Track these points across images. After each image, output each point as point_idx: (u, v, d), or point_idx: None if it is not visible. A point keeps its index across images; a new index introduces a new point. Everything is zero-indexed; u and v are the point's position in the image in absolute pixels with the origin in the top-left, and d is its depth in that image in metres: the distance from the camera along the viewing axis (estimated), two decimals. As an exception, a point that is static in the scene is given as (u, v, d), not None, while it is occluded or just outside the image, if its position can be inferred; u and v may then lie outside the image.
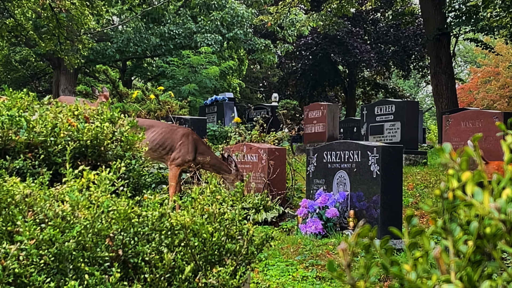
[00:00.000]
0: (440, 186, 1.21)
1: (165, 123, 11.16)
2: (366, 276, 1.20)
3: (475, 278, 1.10)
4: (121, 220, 3.22)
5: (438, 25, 23.53)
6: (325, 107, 20.27)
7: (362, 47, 40.69)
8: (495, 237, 1.10)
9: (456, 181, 1.17)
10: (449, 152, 1.18)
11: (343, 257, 1.19)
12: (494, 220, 1.08)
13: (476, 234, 1.13)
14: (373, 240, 1.25)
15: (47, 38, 23.55)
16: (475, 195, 1.12)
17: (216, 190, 3.69)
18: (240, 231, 3.56)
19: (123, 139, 4.53)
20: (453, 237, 1.17)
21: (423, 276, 1.15)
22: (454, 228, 1.18)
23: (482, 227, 1.12)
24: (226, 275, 3.23)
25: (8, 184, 3.22)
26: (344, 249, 1.20)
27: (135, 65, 38.57)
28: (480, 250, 1.14)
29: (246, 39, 34.04)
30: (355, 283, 1.19)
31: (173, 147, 10.24)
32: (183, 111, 21.44)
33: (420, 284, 1.13)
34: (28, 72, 39.36)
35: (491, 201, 1.08)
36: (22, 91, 4.84)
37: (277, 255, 8.82)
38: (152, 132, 10.29)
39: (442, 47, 23.79)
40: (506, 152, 1.15)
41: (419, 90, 78.81)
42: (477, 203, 1.10)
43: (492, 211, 1.07)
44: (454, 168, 1.18)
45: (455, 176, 1.17)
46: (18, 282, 2.96)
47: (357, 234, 1.21)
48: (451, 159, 1.18)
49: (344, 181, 9.97)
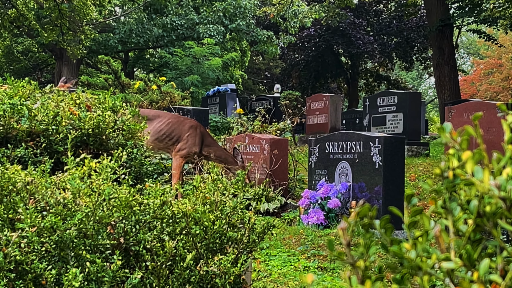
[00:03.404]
0: (440, 165, 1.21)
1: (171, 114, 11.16)
2: (366, 255, 1.19)
3: (474, 256, 1.10)
4: (122, 208, 3.21)
5: (441, 16, 23.48)
6: (328, 98, 20.24)
7: (365, 39, 40.65)
8: (495, 216, 1.09)
9: (456, 160, 1.16)
10: (450, 132, 1.18)
11: (343, 236, 1.19)
12: (494, 198, 1.07)
13: (476, 213, 1.12)
14: (373, 219, 1.25)
15: (50, 29, 23.54)
16: (475, 173, 1.11)
17: (217, 178, 3.68)
18: (242, 219, 3.56)
19: (124, 128, 4.52)
20: (453, 216, 1.17)
21: (423, 255, 1.14)
22: (454, 207, 1.18)
23: (482, 205, 1.11)
24: (227, 263, 3.23)
25: (9, 171, 3.22)
26: (343, 228, 1.19)
27: (138, 56, 38.53)
28: (480, 229, 1.13)
29: (248, 31, 33.98)
30: (355, 263, 1.19)
31: (180, 138, 10.24)
32: (185, 101, 21.43)
33: (419, 262, 1.13)
34: (30, 63, 39.34)
35: (491, 179, 1.07)
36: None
37: (279, 246, 8.83)
38: (159, 123, 10.30)
39: (444, 38, 23.74)
40: (507, 132, 1.14)
41: (422, 81, 78.71)
42: (477, 181, 1.10)
43: (492, 189, 1.06)
44: (454, 147, 1.17)
45: (455, 155, 1.16)
46: (19, 269, 2.96)
47: (357, 213, 1.21)
48: (452, 138, 1.17)
49: (346, 171, 9.96)
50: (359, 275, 1.17)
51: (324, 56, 42.97)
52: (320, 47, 41.99)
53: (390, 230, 1.23)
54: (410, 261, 1.15)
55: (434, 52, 24.50)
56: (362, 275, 1.17)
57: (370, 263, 1.19)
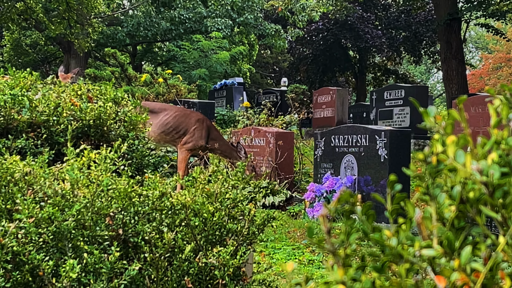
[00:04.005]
0: (424, 150, 1.18)
1: (178, 107, 11.17)
2: (347, 242, 1.17)
3: (456, 245, 1.07)
4: (121, 199, 3.19)
5: (449, 10, 23.37)
6: (334, 92, 20.19)
7: (373, 33, 40.54)
8: (478, 202, 1.07)
9: (440, 145, 1.13)
10: (434, 116, 1.15)
11: (323, 223, 1.16)
12: (477, 184, 1.04)
13: (459, 199, 1.10)
14: (354, 205, 1.22)
15: (57, 22, 23.55)
16: (457, 158, 1.08)
17: (217, 170, 3.66)
18: (242, 211, 3.54)
19: (126, 119, 4.50)
20: (437, 202, 1.14)
21: (406, 243, 1.12)
22: (437, 193, 1.15)
23: (465, 191, 1.08)
24: (226, 255, 3.21)
25: (7, 162, 3.20)
26: (324, 215, 1.17)
27: (145, 49, 38.53)
28: (463, 215, 1.11)
29: (256, 24, 33.93)
30: (335, 250, 1.16)
31: (187, 131, 10.24)
32: (191, 94, 21.40)
33: (400, 250, 1.10)
34: (38, 56, 39.38)
35: (473, 163, 1.05)
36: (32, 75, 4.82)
37: (283, 239, 8.81)
38: (165, 115, 10.29)
39: (452, 32, 23.65)
40: (493, 116, 1.12)
41: (430, 76, 78.52)
42: (459, 166, 1.07)
43: (474, 173, 1.04)
44: (439, 132, 1.14)
45: (440, 140, 1.13)
46: (16, 260, 2.95)
47: (338, 200, 1.18)
48: (436, 123, 1.15)
49: (351, 165, 9.93)
50: (340, 263, 1.14)
51: (332, 50, 42.91)
52: (328, 41, 41.93)
53: (372, 217, 1.20)
54: (391, 248, 1.12)
55: (442, 46, 24.40)
56: (343, 263, 1.14)
57: (351, 251, 1.16)
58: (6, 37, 36.37)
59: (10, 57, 37.15)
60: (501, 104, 1.12)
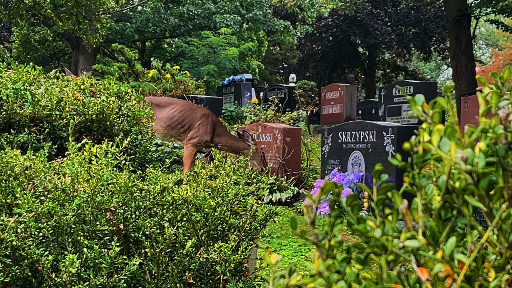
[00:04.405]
0: (411, 139, 1.16)
1: (184, 101, 11.14)
2: (331, 234, 1.14)
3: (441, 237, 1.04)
4: (121, 193, 3.18)
5: (458, 6, 23.29)
6: (343, 88, 20.14)
7: (383, 29, 40.46)
8: (464, 192, 1.04)
9: (427, 134, 1.10)
10: (421, 104, 1.12)
11: (306, 214, 1.14)
12: (462, 173, 1.01)
13: (445, 189, 1.07)
14: (339, 196, 1.19)
15: (65, 17, 23.57)
16: (442, 146, 1.05)
17: (219, 165, 3.64)
18: (244, 206, 3.52)
19: (129, 114, 4.49)
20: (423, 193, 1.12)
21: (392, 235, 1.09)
22: (423, 183, 1.13)
23: (451, 181, 1.06)
24: (228, 251, 3.19)
25: (8, 156, 3.19)
26: (307, 206, 1.14)
27: (154, 46, 38.54)
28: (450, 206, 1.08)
29: (265, 20, 33.88)
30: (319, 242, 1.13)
31: (192, 126, 10.22)
32: (199, 90, 21.39)
33: (384, 241, 1.07)
34: (47, 52, 39.44)
35: (458, 152, 1.02)
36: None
37: (290, 235, 8.79)
38: (171, 109, 10.28)
39: (462, 29, 23.55)
40: (482, 104, 1.09)
41: (440, 72, 78.35)
42: (443, 154, 1.04)
43: (458, 162, 1.01)
44: (426, 120, 1.12)
45: (427, 129, 1.11)
46: (16, 255, 2.94)
47: (321, 190, 1.16)
48: (423, 111, 1.12)
49: (359, 161, 9.90)
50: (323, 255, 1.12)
51: (341, 46, 42.85)
52: (338, 38, 41.87)
53: (357, 208, 1.18)
54: (375, 240, 1.09)
55: (451, 43, 24.31)
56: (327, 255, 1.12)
57: (335, 242, 1.14)
58: (15, 33, 36.46)
59: (19, 53, 37.21)
60: (490, 92, 1.10)
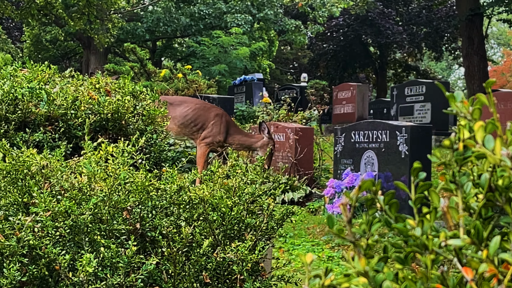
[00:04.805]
0: (451, 136, 1.13)
1: (197, 100, 11.15)
2: (368, 233, 1.12)
3: (484, 235, 1.02)
4: (138, 192, 3.17)
5: (470, 5, 23.24)
6: (355, 88, 20.11)
7: (394, 29, 40.41)
8: (508, 190, 1.02)
9: (467, 131, 1.08)
10: (461, 101, 1.10)
11: (344, 213, 1.12)
12: (506, 170, 0.99)
13: (488, 187, 1.05)
14: (376, 194, 1.17)
15: (77, 17, 23.58)
16: (486, 143, 1.03)
17: (236, 164, 3.62)
18: (261, 206, 3.50)
19: (144, 113, 4.48)
20: (463, 191, 1.09)
21: (430, 234, 1.07)
22: (464, 181, 1.10)
23: (494, 179, 1.03)
24: (245, 250, 3.17)
25: (24, 155, 3.18)
26: (344, 204, 1.12)
27: (165, 45, 38.58)
28: (492, 205, 1.06)
29: (276, 20, 33.85)
30: (356, 241, 1.11)
31: (205, 125, 10.21)
32: (210, 90, 21.37)
33: (425, 240, 1.05)
34: (58, 52, 39.48)
35: (503, 149, 0.99)
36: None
37: (303, 235, 8.78)
38: (184, 108, 10.27)
39: (474, 28, 23.49)
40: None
41: (451, 72, 78.15)
42: (487, 152, 1.02)
43: (504, 159, 0.99)
44: (465, 117, 1.09)
45: (467, 126, 1.08)
46: (33, 254, 2.93)
47: (359, 188, 1.14)
48: (463, 107, 1.10)
49: (372, 161, 9.87)
50: (361, 254, 1.10)
51: (352, 46, 42.82)
52: (349, 37, 41.85)
53: (395, 206, 1.15)
54: (415, 239, 1.07)
55: (464, 42, 24.27)
56: (364, 254, 1.10)
57: (373, 241, 1.12)
58: (26, 32, 36.53)
59: (30, 52, 37.26)
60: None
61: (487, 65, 25.71)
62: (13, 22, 39.81)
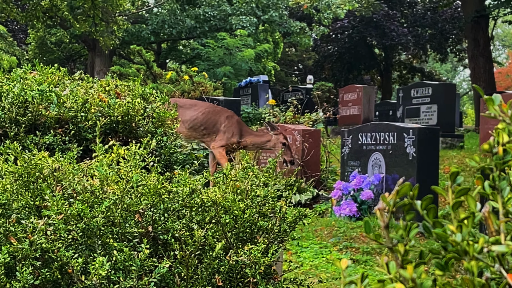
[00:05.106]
0: (489, 140, 1.12)
1: (207, 103, 11.16)
2: (406, 238, 1.10)
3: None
4: (151, 195, 3.16)
5: (476, 7, 23.23)
6: (361, 90, 20.10)
7: (399, 30, 40.40)
8: (551, 195, 1.00)
9: (506, 135, 1.06)
10: (499, 104, 1.09)
11: (380, 218, 1.10)
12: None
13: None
14: (413, 199, 1.16)
15: (82, 20, 23.63)
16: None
17: (248, 166, 3.61)
18: (273, 208, 3.49)
19: (154, 115, 4.47)
20: (503, 196, 1.07)
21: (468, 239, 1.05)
22: (503, 186, 1.08)
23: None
24: (258, 253, 3.16)
25: (36, 158, 3.18)
26: (382, 209, 1.11)
27: (170, 47, 38.62)
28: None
29: (281, 22, 33.84)
30: (394, 246, 1.09)
31: (216, 128, 10.21)
32: (217, 92, 21.36)
33: (466, 246, 1.04)
34: (63, 54, 39.55)
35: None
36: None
37: (310, 237, 8.76)
38: (194, 111, 10.28)
39: (480, 30, 23.48)
40: None
41: (456, 74, 78.08)
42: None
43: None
44: (504, 121, 1.08)
45: (506, 129, 1.07)
46: (45, 257, 2.92)
47: (396, 192, 1.12)
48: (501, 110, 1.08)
49: (379, 163, 9.85)
50: (399, 260, 1.08)
51: (357, 47, 42.81)
52: (354, 39, 41.84)
53: (432, 211, 1.14)
54: (455, 244, 1.05)
55: (469, 44, 24.27)
56: (402, 260, 1.08)
57: (410, 247, 1.10)
58: (31, 35, 36.57)
59: (35, 55, 37.31)
60: None
61: (493, 67, 25.69)
62: (18, 24, 39.88)
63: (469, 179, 12.49)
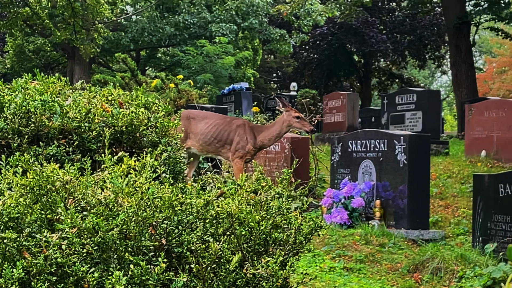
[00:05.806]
0: None
1: (218, 115, 10.95)
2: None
3: None
4: (165, 208, 3.09)
5: (458, 13, 23.37)
6: (345, 97, 20.14)
7: (378, 37, 40.54)
8: None
9: None
10: None
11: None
12: None
13: None
14: None
15: (63, 27, 23.55)
16: None
17: (261, 177, 3.56)
18: (288, 220, 3.44)
19: (158, 125, 4.41)
20: None
21: None
22: None
23: None
24: (275, 266, 3.10)
25: (48, 170, 3.10)
26: None
27: (149, 55, 38.54)
28: None
29: (261, 29, 33.85)
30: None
31: (229, 139, 9.99)
32: (202, 100, 21.29)
33: None
34: (41, 62, 39.28)
35: None
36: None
37: (302, 246, 8.70)
38: (205, 125, 10.05)
39: (462, 36, 23.63)
40: None
41: (434, 80, 78.51)
42: None
43: None
44: None
45: None
46: (60, 272, 2.85)
47: None
48: None
49: (369, 170, 9.83)
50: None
51: (337, 54, 42.90)
52: (333, 46, 41.91)
53: None
54: None
55: (451, 50, 24.43)
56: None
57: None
58: (9, 43, 36.25)
59: (13, 63, 37.07)
60: None
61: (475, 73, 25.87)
62: (-1, 33, 39.64)
63: (456, 185, 12.53)
